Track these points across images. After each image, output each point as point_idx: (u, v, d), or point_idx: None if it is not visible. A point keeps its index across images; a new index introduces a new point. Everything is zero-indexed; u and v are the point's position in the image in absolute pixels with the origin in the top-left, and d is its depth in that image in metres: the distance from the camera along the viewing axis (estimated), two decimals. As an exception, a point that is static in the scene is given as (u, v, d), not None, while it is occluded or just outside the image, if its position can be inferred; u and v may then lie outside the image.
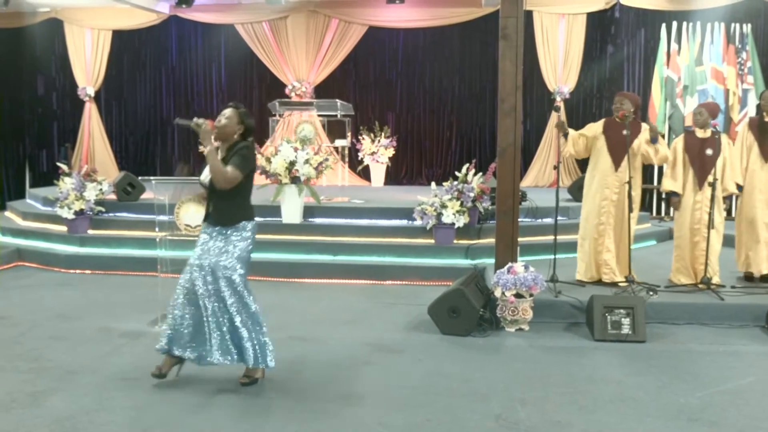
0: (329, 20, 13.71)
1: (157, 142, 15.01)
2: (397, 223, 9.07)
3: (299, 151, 8.86)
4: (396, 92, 14.23)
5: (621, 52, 13.31)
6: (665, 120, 11.29)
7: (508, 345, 5.88)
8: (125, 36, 14.33)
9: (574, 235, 7.51)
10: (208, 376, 5.04)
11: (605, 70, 13.36)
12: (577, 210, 9.25)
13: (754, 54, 11.23)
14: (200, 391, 4.76)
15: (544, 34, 13.00)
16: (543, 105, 13.33)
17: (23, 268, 9.08)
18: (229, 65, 14.61)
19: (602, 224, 7.00)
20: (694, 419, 4.34)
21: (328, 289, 7.93)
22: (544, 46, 13.00)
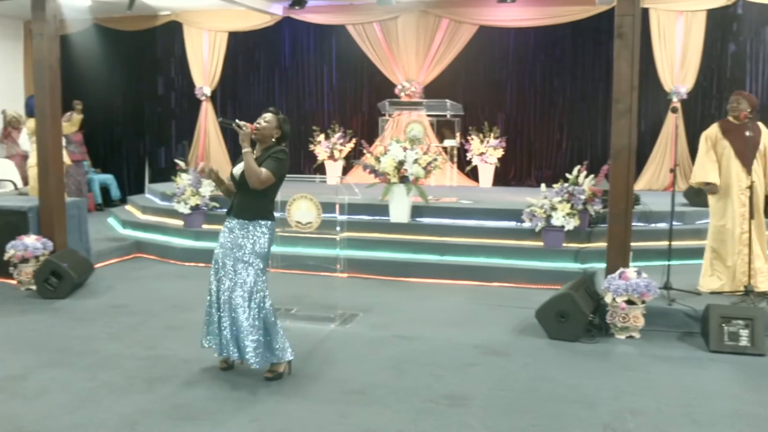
0: (439, 20, 13.68)
1: (270, 140, 15.36)
2: (505, 224, 8.97)
3: (408, 151, 8.89)
4: (506, 92, 14.06)
5: (743, 51, 12.73)
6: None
7: (617, 352, 5.73)
8: (240, 37, 14.73)
9: (690, 241, 7.24)
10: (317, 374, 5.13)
11: (726, 69, 12.80)
12: (694, 215, 8.95)
13: None
14: (306, 386, 4.84)
15: (661, 32, 12.56)
16: (658, 106, 12.89)
17: (142, 259, 9.48)
18: (340, 66, 14.80)
19: (745, 233, 6.64)
20: (818, 438, 4.12)
21: (435, 289, 7.93)
22: (660, 44, 12.57)
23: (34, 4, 7.74)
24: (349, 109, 14.72)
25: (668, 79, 12.54)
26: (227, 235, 5.01)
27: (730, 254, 6.71)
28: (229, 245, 4.96)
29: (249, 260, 4.89)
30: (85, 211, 8.74)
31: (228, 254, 4.95)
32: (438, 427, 4.19)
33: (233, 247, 4.94)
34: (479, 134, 13.30)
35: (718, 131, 6.72)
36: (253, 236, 4.92)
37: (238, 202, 5.00)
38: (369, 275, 8.31)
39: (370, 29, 13.98)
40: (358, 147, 13.27)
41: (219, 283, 4.98)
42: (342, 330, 6.23)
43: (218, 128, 15.03)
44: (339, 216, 6.66)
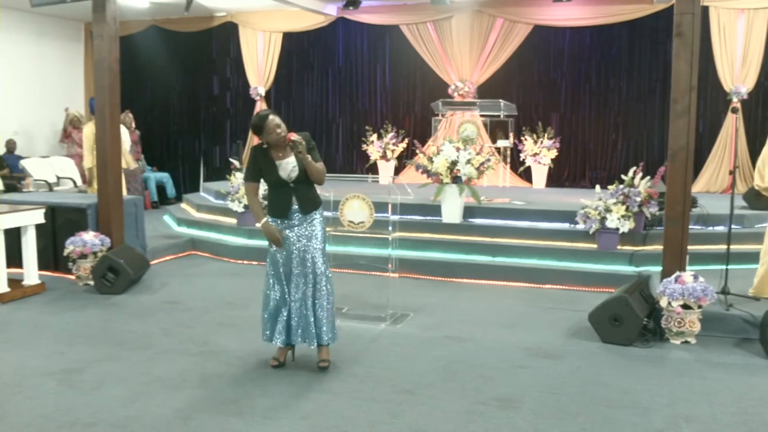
0: (494, 20, 13.60)
1: (323, 140, 15.46)
2: (559, 226, 8.88)
3: (461, 151, 8.85)
4: (560, 92, 13.91)
5: (808, 50, 12.38)
6: None
7: (672, 358, 5.62)
8: (294, 38, 14.85)
9: (749, 245, 7.07)
10: (367, 373, 5.15)
11: (789, 69, 12.47)
12: (753, 218, 8.75)
13: None
14: (357, 384, 4.86)
15: (721, 30, 12.29)
16: (718, 106, 12.62)
17: (196, 257, 9.63)
18: (393, 66, 14.81)
19: None
20: None
21: (486, 290, 7.88)
22: (720, 43, 12.30)
23: (95, 6, 7.93)
24: (402, 109, 14.73)
25: (728, 78, 12.26)
26: (291, 233, 5.12)
27: None
28: (294, 240, 5.11)
29: (320, 246, 5.14)
30: (142, 209, 8.92)
31: (295, 251, 5.11)
32: (488, 429, 4.17)
33: (304, 239, 5.11)
34: (533, 135, 13.19)
35: None
36: (317, 224, 5.16)
37: (300, 201, 5.11)
38: (420, 275, 8.31)
39: (424, 29, 13.97)
40: (410, 147, 13.29)
41: (287, 281, 5.15)
42: (393, 330, 6.24)
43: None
44: (391, 216, 6.67)
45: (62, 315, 6.67)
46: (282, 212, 5.13)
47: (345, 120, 15.24)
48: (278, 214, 5.15)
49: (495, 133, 13.00)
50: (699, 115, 12.42)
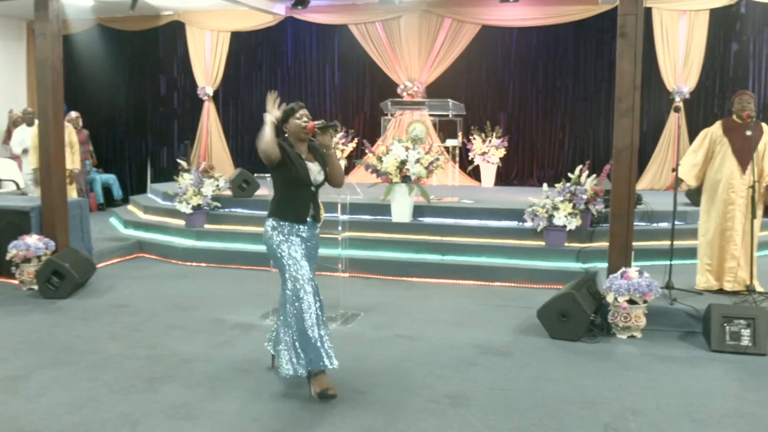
0: (442, 20, 13.68)
1: (272, 140, 15.38)
2: (507, 224, 8.97)
3: (410, 151, 8.89)
4: (508, 92, 14.05)
5: (746, 50, 12.71)
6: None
7: (619, 352, 5.71)
8: (243, 37, 14.75)
9: (691, 241, 7.23)
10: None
11: (729, 69, 12.79)
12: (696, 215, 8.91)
13: None
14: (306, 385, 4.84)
15: (664, 31, 12.55)
16: (661, 105, 12.89)
17: (143, 259, 9.49)
18: (342, 65, 14.80)
19: (728, 230, 6.70)
20: (820, 438, 4.11)
21: (436, 288, 7.92)
22: (663, 44, 12.56)
23: (37, 4, 7.75)
24: (352, 108, 14.72)
25: (671, 78, 12.54)
26: (309, 243, 4.77)
27: (716, 252, 6.77)
28: (312, 253, 4.81)
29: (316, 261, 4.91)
30: (87, 211, 8.75)
31: (311, 262, 4.80)
32: (439, 427, 4.19)
33: (314, 251, 4.85)
34: (481, 134, 13.31)
35: (719, 129, 6.74)
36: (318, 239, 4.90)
37: (315, 207, 4.77)
38: (371, 275, 8.32)
39: (373, 29, 13.99)
40: (360, 147, 13.29)
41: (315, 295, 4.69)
42: (343, 330, 6.23)
43: (221, 128, 15.05)
44: (341, 216, 6.67)
45: (5, 321, 6.51)
46: (300, 216, 4.67)
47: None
48: (294, 217, 4.67)
49: (444, 133, 13.09)
50: (643, 114, 12.68)
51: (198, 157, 14.58)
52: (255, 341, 5.78)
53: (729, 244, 6.70)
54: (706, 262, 6.88)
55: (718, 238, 6.75)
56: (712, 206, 6.81)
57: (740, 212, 6.64)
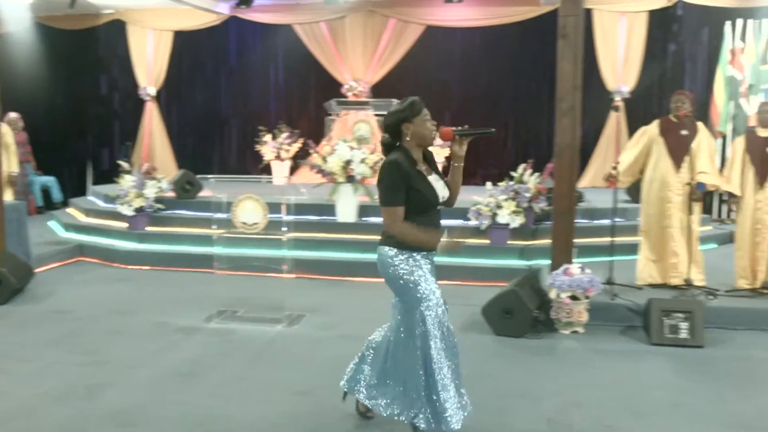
0: (387, 20, 13.70)
1: (216, 141, 15.23)
2: (452, 222, 8.99)
3: (355, 151, 8.89)
4: (452, 91, 14.14)
5: (683, 51, 13.02)
6: (728, 120, 11.02)
7: (562, 347, 5.80)
8: (186, 36, 14.55)
9: (631, 237, 7.37)
10: (263, 376, 5.10)
11: (667, 69, 13.07)
12: (635, 212, 9.10)
13: (824, 52, 10.88)
14: (253, 387, 4.81)
15: (604, 32, 12.77)
16: (601, 104, 13.09)
17: (84, 263, 9.29)
18: (287, 65, 14.73)
19: (667, 227, 6.84)
20: (749, 427, 4.24)
21: (382, 288, 7.82)
22: (603, 44, 12.78)
23: (-31, 2, 7.55)
24: (296, 109, 14.66)
25: (611, 78, 12.76)
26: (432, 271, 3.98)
27: (657, 248, 6.93)
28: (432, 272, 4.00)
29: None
30: (25, 215, 8.54)
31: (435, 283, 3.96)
32: (381, 426, 4.19)
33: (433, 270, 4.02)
34: (426, 133, 13.33)
35: (657, 128, 6.89)
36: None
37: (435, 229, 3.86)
38: (316, 275, 8.28)
39: (317, 29, 13.95)
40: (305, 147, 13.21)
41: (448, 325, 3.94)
42: (289, 331, 6.20)
43: (164, 128, 14.84)
44: (285, 216, 6.63)
45: (-62, 327, 6.33)
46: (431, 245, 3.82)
47: (238, 120, 15.06)
48: (427, 247, 3.85)
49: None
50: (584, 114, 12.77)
51: (140, 159, 14.35)
52: (199, 345, 5.73)
53: (669, 240, 6.85)
54: (649, 257, 7.02)
55: (659, 235, 6.90)
56: (650, 203, 6.96)
57: (677, 209, 6.79)
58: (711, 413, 4.42)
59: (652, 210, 6.93)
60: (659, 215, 6.87)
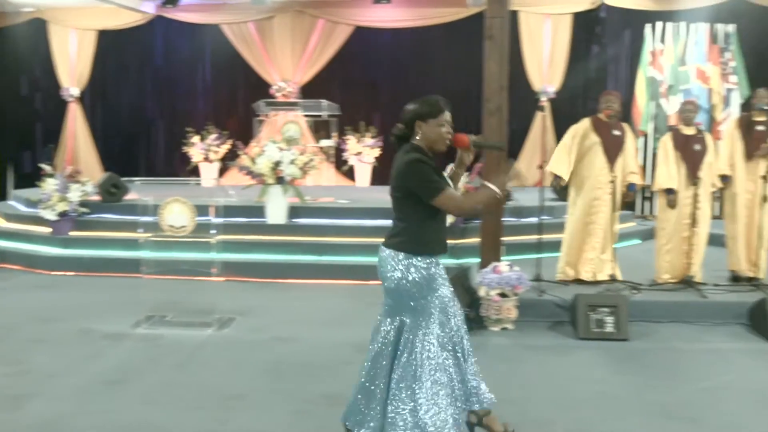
0: (315, 20, 13.68)
1: (142, 142, 14.95)
2: (383, 222, 9.03)
3: (284, 152, 8.84)
4: (382, 92, 14.21)
5: (606, 52, 13.37)
6: (649, 119, 11.35)
7: (492, 344, 5.88)
8: (110, 36, 14.24)
9: (558, 234, 7.51)
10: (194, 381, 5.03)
11: (591, 70, 13.40)
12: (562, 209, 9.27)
13: (739, 54, 11.30)
14: (183, 393, 4.74)
15: (530, 34, 13.01)
16: (528, 105, 13.32)
17: (5, 270, 8.99)
18: (214, 65, 14.58)
19: (591, 224, 7.00)
20: (674, 416, 4.36)
21: (313, 289, 7.91)
22: (529, 46, 13.01)
23: None
24: (225, 110, 14.52)
25: (537, 79, 12.99)
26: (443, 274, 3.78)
27: (576, 243, 7.10)
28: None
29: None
30: (-59, 220, 8.25)
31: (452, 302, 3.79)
32: (317, 428, 4.19)
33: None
34: (356, 134, 13.38)
35: (589, 126, 7.00)
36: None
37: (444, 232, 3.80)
38: (246, 278, 8.21)
39: (245, 29, 13.86)
40: (233, 148, 13.09)
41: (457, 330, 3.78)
42: (219, 335, 6.12)
43: (89, 130, 14.49)
44: (214, 219, 6.55)
45: None
46: (442, 247, 3.73)
47: (165, 121, 14.83)
48: (441, 248, 3.72)
49: (318, 133, 13.09)
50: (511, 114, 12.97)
51: (63, 162, 13.98)
52: (127, 351, 5.61)
53: (591, 236, 7.02)
54: (566, 252, 7.19)
55: (581, 231, 7.06)
56: (578, 200, 7.10)
57: (605, 206, 6.96)
58: (636, 404, 4.55)
59: (580, 205, 7.06)
60: (586, 211, 7.01)
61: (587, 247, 7.05)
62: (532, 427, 4.20)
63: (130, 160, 14.85)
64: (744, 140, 7.15)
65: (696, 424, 4.25)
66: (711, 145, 7.00)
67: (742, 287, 6.96)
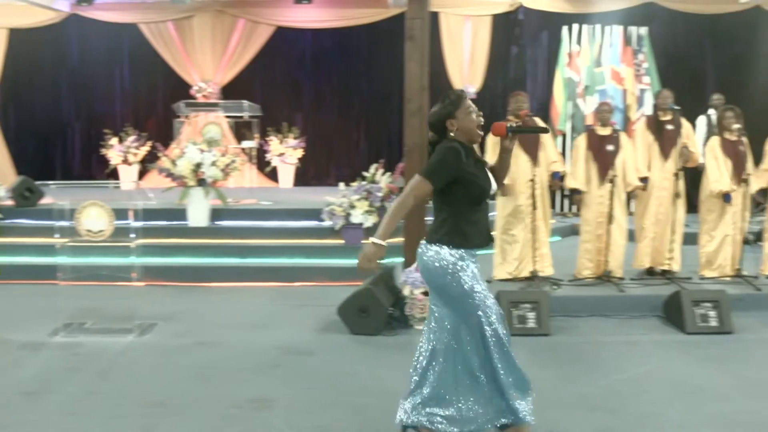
0: (236, 20, 13.54)
1: (58, 145, 14.53)
2: (306, 224, 9.03)
3: (205, 153, 8.74)
4: (304, 93, 14.17)
5: (525, 54, 13.63)
6: (567, 119, 11.63)
7: (417, 343, 5.85)
8: (22, 35, 13.75)
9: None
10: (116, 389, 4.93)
11: (510, 70, 13.64)
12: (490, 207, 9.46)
13: (651, 55, 11.69)
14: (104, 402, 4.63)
15: (450, 35, 13.15)
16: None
17: None
18: (132, 66, 14.26)
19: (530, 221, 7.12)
20: (596, 408, 4.49)
21: (237, 292, 7.83)
22: (450, 47, 13.15)
23: None
24: (144, 111, 14.24)
25: (458, 79, 13.14)
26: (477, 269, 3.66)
27: (517, 242, 7.20)
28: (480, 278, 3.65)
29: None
30: None
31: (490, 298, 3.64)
32: (242, 432, 4.16)
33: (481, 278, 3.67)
34: (278, 135, 13.32)
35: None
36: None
37: (486, 223, 3.68)
38: (168, 282, 8.06)
39: (164, 28, 13.62)
40: (153, 150, 12.86)
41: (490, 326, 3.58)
42: (141, 341, 6.00)
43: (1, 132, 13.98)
44: (133, 222, 6.42)
45: None
46: (484, 240, 3.63)
47: (82, 123, 14.44)
48: (479, 242, 3.61)
49: (240, 134, 12.98)
50: (433, 114, 13.19)
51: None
52: (44, 361, 5.45)
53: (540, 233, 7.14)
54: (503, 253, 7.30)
55: (500, 230, 7.18)
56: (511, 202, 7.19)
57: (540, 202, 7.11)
58: (559, 397, 4.65)
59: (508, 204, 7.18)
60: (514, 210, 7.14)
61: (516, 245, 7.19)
62: (458, 424, 4.25)
63: (45, 163, 14.40)
64: (657, 141, 7.41)
65: (617, 415, 4.38)
66: (626, 145, 7.23)
67: (657, 281, 7.22)
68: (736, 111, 7.33)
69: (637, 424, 4.23)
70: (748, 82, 12.62)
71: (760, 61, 12.96)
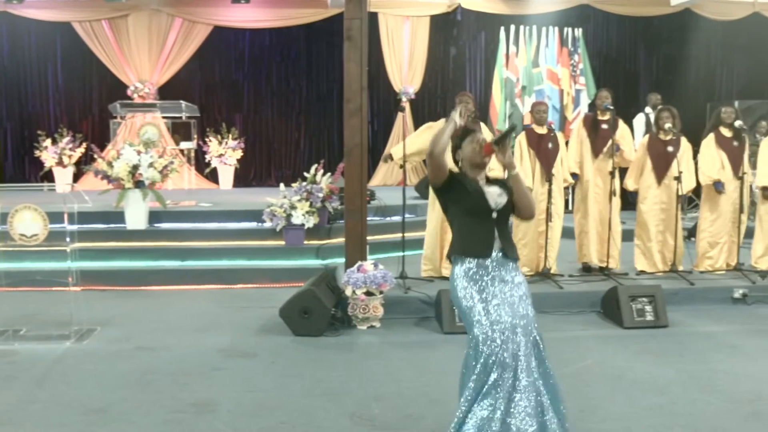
0: (172, 19, 13.37)
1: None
2: (247, 225, 8.97)
3: (143, 155, 8.60)
4: (243, 93, 14.06)
5: (463, 54, 13.77)
6: (506, 119, 11.78)
7: (360, 343, 5.95)
8: (-52, 34, 13.40)
9: (421, 232, 7.68)
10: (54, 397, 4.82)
11: (449, 71, 13.76)
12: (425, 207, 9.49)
13: (585, 57, 11.93)
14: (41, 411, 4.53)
15: (389, 35, 13.22)
16: (389, 105, 13.55)
17: None
18: (66, 65, 13.95)
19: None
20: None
21: (177, 295, 7.72)
22: (389, 47, 13.22)
23: None
24: (78, 111, 13.95)
25: (397, 79, 13.22)
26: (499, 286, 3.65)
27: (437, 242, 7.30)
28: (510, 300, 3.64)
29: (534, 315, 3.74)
30: None
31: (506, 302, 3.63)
32: (187, 437, 4.11)
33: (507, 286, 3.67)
34: (217, 136, 13.19)
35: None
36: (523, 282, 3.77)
37: (504, 237, 3.71)
38: (106, 286, 7.90)
39: (99, 27, 13.36)
40: (89, 152, 12.60)
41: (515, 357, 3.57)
42: (78, 347, 5.87)
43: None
44: (68, 226, 6.28)
45: None
46: (483, 249, 3.65)
47: (13, 125, 14.06)
48: (477, 250, 3.66)
49: (178, 135, 12.80)
50: (373, 114, 13.31)
51: None
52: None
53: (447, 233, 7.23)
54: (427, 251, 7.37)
55: (439, 229, 7.24)
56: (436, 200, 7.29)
57: None
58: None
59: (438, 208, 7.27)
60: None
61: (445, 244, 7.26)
62: (406, 423, 4.28)
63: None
64: (590, 139, 7.58)
65: (556, 410, 4.46)
66: (563, 144, 7.38)
67: (595, 277, 7.38)
68: (672, 111, 7.53)
69: (579, 419, 4.30)
70: (679, 82, 13.00)
71: (691, 62, 13.37)
